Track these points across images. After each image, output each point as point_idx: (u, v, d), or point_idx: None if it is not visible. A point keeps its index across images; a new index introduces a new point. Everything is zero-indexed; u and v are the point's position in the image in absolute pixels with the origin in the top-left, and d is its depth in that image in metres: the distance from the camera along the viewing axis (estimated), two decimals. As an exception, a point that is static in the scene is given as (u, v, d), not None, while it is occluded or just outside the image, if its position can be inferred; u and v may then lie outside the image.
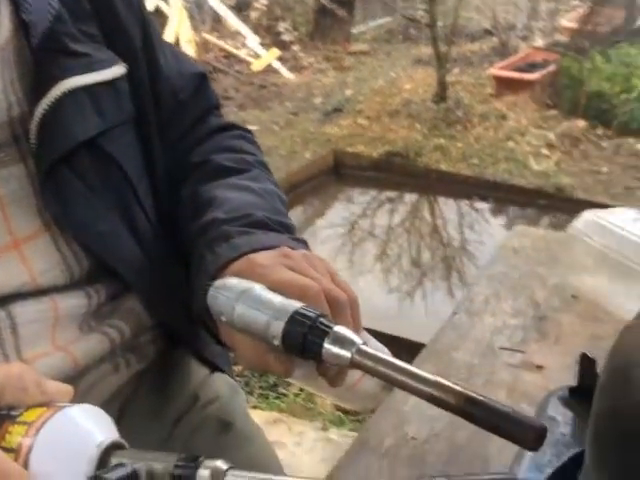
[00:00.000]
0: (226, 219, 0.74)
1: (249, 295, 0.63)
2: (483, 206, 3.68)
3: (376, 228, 3.57)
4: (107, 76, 0.75)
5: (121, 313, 0.79)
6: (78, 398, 0.55)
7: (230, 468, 0.51)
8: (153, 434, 0.78)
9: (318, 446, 2.03)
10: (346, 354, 0.58)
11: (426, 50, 5.59)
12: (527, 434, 0.50)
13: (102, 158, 0.75)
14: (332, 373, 0.66)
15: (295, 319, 0.60)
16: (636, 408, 0.39)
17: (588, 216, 0.91)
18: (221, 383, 0.90)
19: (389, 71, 5.51)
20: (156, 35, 0.84)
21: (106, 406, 0.56)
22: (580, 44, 4.62)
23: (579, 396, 0.65)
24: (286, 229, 0.75)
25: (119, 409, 0.79)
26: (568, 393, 0.66)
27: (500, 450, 0.72)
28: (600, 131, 4.16)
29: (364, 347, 0.58)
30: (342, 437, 2.05)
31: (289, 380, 0.73)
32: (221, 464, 0.51)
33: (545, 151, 3.98)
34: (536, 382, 0.81)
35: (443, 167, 3.82)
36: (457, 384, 0.55)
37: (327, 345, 0.59)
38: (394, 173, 3.87)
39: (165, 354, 0.86)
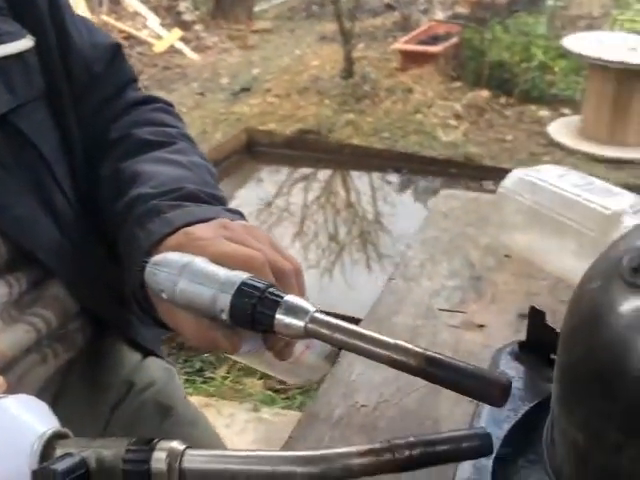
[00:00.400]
0: (154, 194, 0.71)
1: (191, 269, 0.59)
2: (397, 178, 3.71)
3: (292, 205, 3.55)
4: (15, 49, 0.71)
5: (45, 301, 0.75)
6: (7, 391, 0.52)
7: (187, 448, 0.48)
8: (90, 424, 0.74)
9: (250, 427, 2.01)
10: (299, 323, 0.56)
11: (330, 26, 5.58)
12: (492, 390, 0.49)
13: (14, 136, 0.71)
14: (280, 346, 0.64)
15: (243, 291, 0.57)
16: (611, 349, 0.39)
17: (517, 174, 0.91)
18: (156, 367, 0.86)
19: (294, 49, 5.47)
20: (65, 6, 0.79)
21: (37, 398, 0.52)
22: (480, 15, 4.71)
23: (529, 350, 0.65)
24: (219, 201, 0.72)
25: (51, 401, 0.73)
26: (518, 348, 0.65)
27: (451, 411, 0.72)
28: (503, 100, 4.26)
29: (318, 314, 0.56)
30: (274, 416, 2.03)
31: (234, 357, 0.71)
32: (177, 445, 0.48)
33: (452, 122, 4.05)
34: (478, 341, 0.81)
35: (355, 142, 3.83)
36: (417, 346, 0.54)
37: (279, 316, 0.56)
38: (308, 150, 3.86)
39: (94, 341, 0.81)
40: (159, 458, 0.47)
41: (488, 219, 1.04)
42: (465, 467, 0.54)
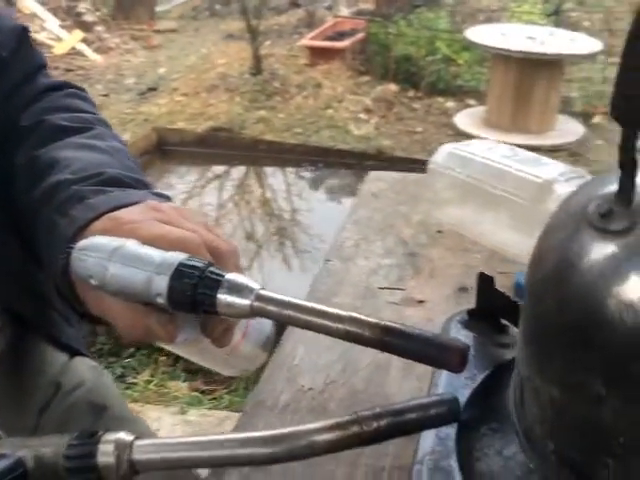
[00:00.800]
0: (75, 179, 0.66)
1: (123, 252, 0.55)
2: (312, 173, 3.70)
3: (207, 204, 3.49)
4: None
5: (-40, 301, 0.69)
6: None
7: (136, 438, 0.44)
8: (18, 427, 0.69)
9: (177, 430, 1.95)
10: (244, 302, 0.53)
11: (235, 25, 5.53)
12: (452, 357, 0.48)
13: None
14: (218, 332, 0.61)
15: (181, 271, 0.54)
16: (586, 298, 0.37)
17: (446, 149, 0.91)
18: (84, 367, 0.81)
19: (200, 47, 5.39)
20: None
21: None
22: (384, 11, 4.76)
23: (479, 317, 0.63)
24: (144, 185, 0.68)
25: (-26, 406, 0.68)
26: (467, 316, 0.64)
27: (400, 387, 0.70)
28: (411, 93, 4.32)
29: (264, 292, 0.54)
30: (202, 417, 1.98)
31: (169, 348, 0.67)
32: (125, 435, 0.44)
33: (363, 116, 4.07)
34: (420, 315, 0.80)
35: (269, 138, 3.80)
36: (371, 316, 0.52)
37: (221, 295, 0.53)
38: (221, 147, 3.79)
39: (16, 342, 0.76)
40: (106, 451, 0.43)
41: (418, 197, 1.03)
42: (427, 438, 0.52)
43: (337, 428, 0.42)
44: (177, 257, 0.55)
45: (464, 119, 3.87)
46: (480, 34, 3.70)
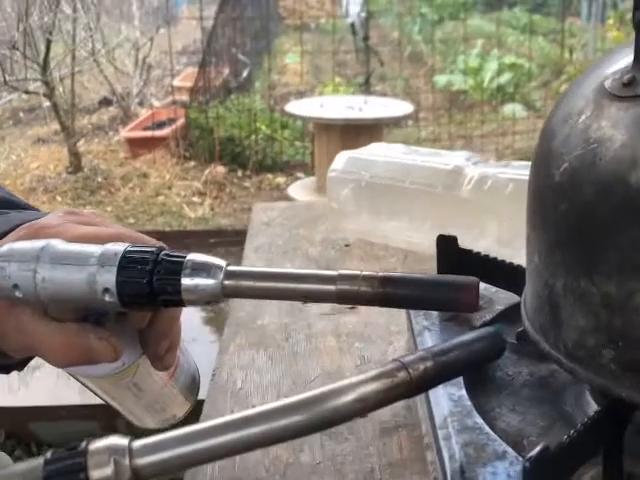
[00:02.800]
0: None
1: (52, 250, 0.46)
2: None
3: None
4: None
5: None
6: None
7: (132, 439, 0.35)
8: None
9: None
10: (214, 282, 0.46)
11: (43, 130, 5.34)
12: (466, 295, 0.43)
13: None
14: (162, 348, 0.53)
15: (131, 258, 0.46)
16: (626, 174, 0.35)
17: (344, 156, 0.88)
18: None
19: (10, 155, 5.12)
20: None
21: None
22: (200, 99, 4.80)
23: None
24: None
25: None
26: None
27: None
28: (240, 173, 4.34)
29: (232, 267, 0.47)
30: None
31: (88, 385, 0.58)
32: (117, 439, 0.35)
33: (196, 199, 4.02)
34: (357, 320, 0.75)
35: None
36: (362, 270, 0.46)
37: (186, 279, 0.45)
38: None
39: None
40: (99, 462, 0.33)
41: (314, 220, 0.99)
42: (440, 403, 0.46)
43: (384, 376, 0.36)
44: (120, 245, 0.47)
45: (297, 190, 3.92)
46: (300, 107, 3.81)
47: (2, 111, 6.44)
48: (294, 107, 3.83)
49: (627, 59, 0.37)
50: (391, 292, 0.44)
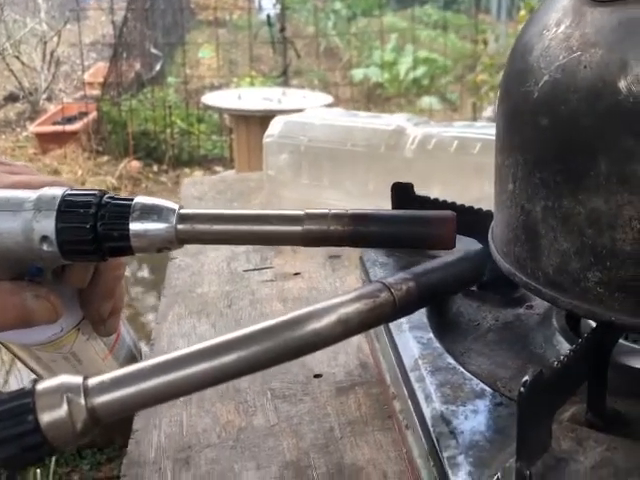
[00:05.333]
0: None
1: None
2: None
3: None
4: None
5: None
6: None
7: (86, 377, 0.31)
8: None
9: None
10: (166, 226, 0.42)
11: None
12: (443, 230, 0.41)
13: None
14: (105, 310, 0.49)
15: (71, 202, 0.41)
16: (615, 75, 0.33)
17: (281, 121, 0.84)
18: None
19: None
20: None
21: None
22: (112, 93, 4.67)
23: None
24: None
25: None
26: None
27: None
28: (156, 168, 4.24)
29: (186, 210, 0.43)
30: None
31: (22, 355, 0.53)
32: (70, 377, 0.30)
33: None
34: (302, 286, 0.72)
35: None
36: (329, 208, 0.43)
37: (134, 223, 0.41)
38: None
39: None
40: (51, 402, 0.29)
41: (247, 193, 0.95)
42: (409, 347, 0.43)
43: (365, 297, 0.33)
44: (59, 189, 0.42)
45: (215, 184, 3.86)
46: (217, 99, 3.74)
47: None
48: (211, 99, 3.75)
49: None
50: (363, 230, 0.41)
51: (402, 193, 0.55)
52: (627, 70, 0.33)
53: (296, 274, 0.74)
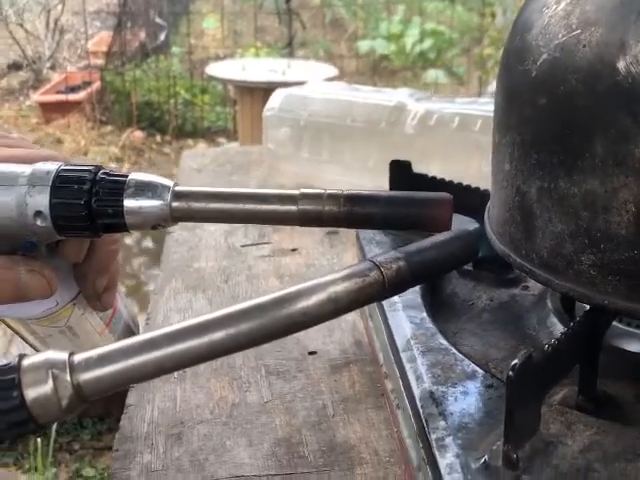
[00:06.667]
0: None
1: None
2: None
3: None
4: None
5: None
6: None
7: (72, 353, 0.30)
8: None
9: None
10: (161, 203, 0.41)
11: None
12: (439, 211, 0.40)
13: None
14: (100, 285, 0.49)
15: (66, 177, 0.41)
16: (614, 55, 0.32)
17: (282, 93, 0.83)
18: None
19: None
20: None
21: None
22: (115, 63, 4.63)
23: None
24: None
25: None
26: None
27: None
28: (159, 138, 4.22)
29: (180, 187, 0.42)
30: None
31: (22, 331, 0.53)
32: (55, 353, 0.30)
33: (113, 165, 3.88)
34: (298, 262, 0.71)
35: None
36: (325, 189, 0.43)
37: (129, 200, 0.41)
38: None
39: None
40: (36, 378, 0.29)
41: (247, 166, 0.95)
42: (401, 326, 0.43)
43: (355, 276, 0.32)
44: (53, 164, 0.42)
45: (219, 155, 3.85)
46: (221, 70, 3.71)
47: None
48: (215, 70, 3.72)
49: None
50: (358, 210, 0.40)
51: (400, 170, 0.54)
52: (626, 50, 0.32)
53: (293, 250, 0.73)
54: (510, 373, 0.30)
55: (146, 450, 0.47)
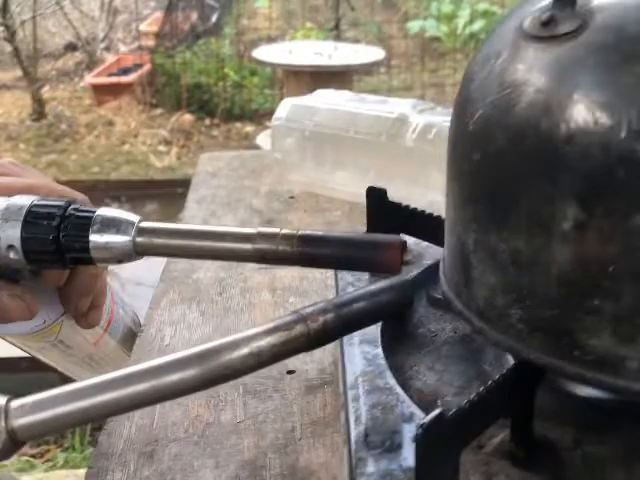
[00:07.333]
0: None
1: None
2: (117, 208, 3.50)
3: None
4: None
5: None
6: None
7: (9, 399, 0.33)
8: None
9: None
10: (125, 239, 0.43)
11: (7, 75, 5.19)
12: (389, 255, 0.41)
13: None
14: (84, 305, 0.51)
15: (36, 213, 0.43)
16: (544, 118, 0.32)
17: (290, 102, 0.85)
18: None
19: (-28, 100, 4.98)
20: None
21: None
22: (166, 44, 4.69)
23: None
24: None
25: None
26: (360, 241, 0.58)
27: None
28: (208, 121, 4.27)
29: (145, 223, 0.44)
30: (38, 482, 1.76)
31: (18, 344, 0.56)
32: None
33: (162, 148, 3.96)
34: (294, 275, 0.73)
35: (63, 179, 3.56)
36: (281, 227, 0.44)
37: (95, 235, 0.43)
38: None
39: None
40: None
41: (260, 171, 0.96)
42: (354, 361, 0.44)
43: (280, 329, 0.34)
44: (27, 199, 0.44)
45: (266, 139, 3.87)
46: (268, 53, 3.73)
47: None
48: (262, 53, 3.74)
49: (548, -2, 0.35)
50: (310, 251, 0.42)
51: (375, 197, 0.55)
52: (550, 114, 0.32)
53: (291, 262, 0.75)
54: (418, 432, 0.31)
55: (118, 468, 0.49)
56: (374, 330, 0.47)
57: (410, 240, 0.56)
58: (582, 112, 0.31)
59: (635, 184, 0.30)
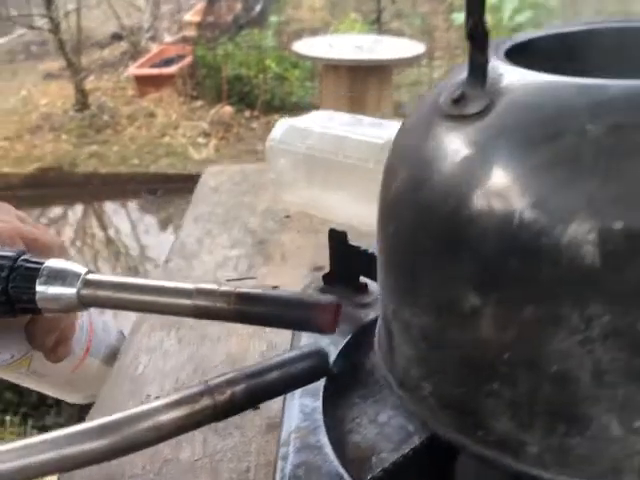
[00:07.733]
0: None
1: None
2: (152, 202, 3.56)
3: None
4: None
5: None
6: None
7: None
8: None
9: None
10: (69, 291, 0.44)
11: (54, 64, 5.29)
12: (322, 316, 0.41)
13: None
14: (50, 341, 0.52)
15: (-14, 264, 0.44)
16: (444, 200, 0.32)
17: (285, 124, 0.85)
18: None
19: (20, 90, 5.10)
20: None
21: None
22: (208, 35, 4.71)
23: (335, 280, 0.57)
24: None
25: None
26: (323, 280, 0.58)
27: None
28: (247, 113, 4.29)
29: (92, 275, 0.45)
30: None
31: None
32: None
33: (202, 140, 3.99)
34: (276, 302, 0.73)
35: (103, 172, 3.63)
36: (221, 284, 0.44)
37: (41, 287, 0.44)
38: (51, 187, 3.57)
39: None
40: None
41: (260, 186, 0.97)
42: (291, 416, 0.45)
43: (185, 403, 0.34)
44: None
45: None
46: (308, 47, 3.72)
47: (14, 45, 6.40)
48: (301, 46, 3.73)
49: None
50: (246, 309, 0.42)
51: (337, 241, 0.55)
52: (453, 196, 0.32)
53: (275, 287, 0.75)
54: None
55: (72, 505, 0.50)
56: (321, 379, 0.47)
57: (373, 284, 0.56)
58: (480, 198, 0.31)
59: (528, 275, 0.30)
